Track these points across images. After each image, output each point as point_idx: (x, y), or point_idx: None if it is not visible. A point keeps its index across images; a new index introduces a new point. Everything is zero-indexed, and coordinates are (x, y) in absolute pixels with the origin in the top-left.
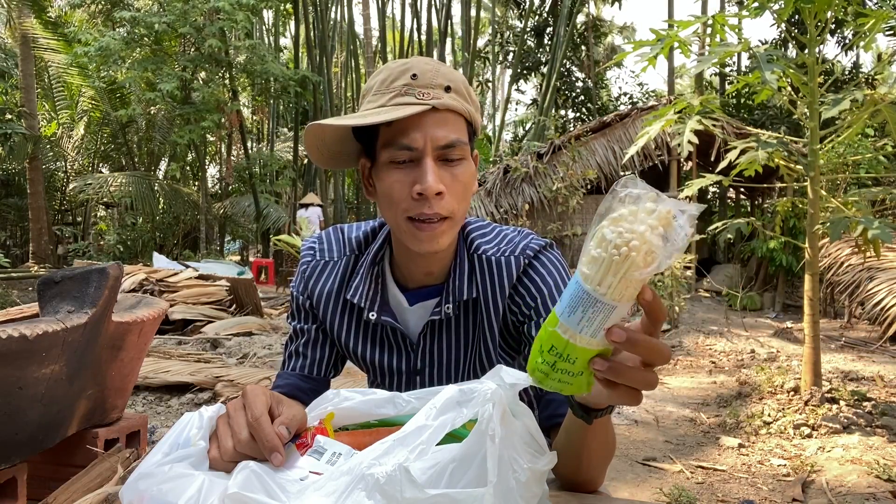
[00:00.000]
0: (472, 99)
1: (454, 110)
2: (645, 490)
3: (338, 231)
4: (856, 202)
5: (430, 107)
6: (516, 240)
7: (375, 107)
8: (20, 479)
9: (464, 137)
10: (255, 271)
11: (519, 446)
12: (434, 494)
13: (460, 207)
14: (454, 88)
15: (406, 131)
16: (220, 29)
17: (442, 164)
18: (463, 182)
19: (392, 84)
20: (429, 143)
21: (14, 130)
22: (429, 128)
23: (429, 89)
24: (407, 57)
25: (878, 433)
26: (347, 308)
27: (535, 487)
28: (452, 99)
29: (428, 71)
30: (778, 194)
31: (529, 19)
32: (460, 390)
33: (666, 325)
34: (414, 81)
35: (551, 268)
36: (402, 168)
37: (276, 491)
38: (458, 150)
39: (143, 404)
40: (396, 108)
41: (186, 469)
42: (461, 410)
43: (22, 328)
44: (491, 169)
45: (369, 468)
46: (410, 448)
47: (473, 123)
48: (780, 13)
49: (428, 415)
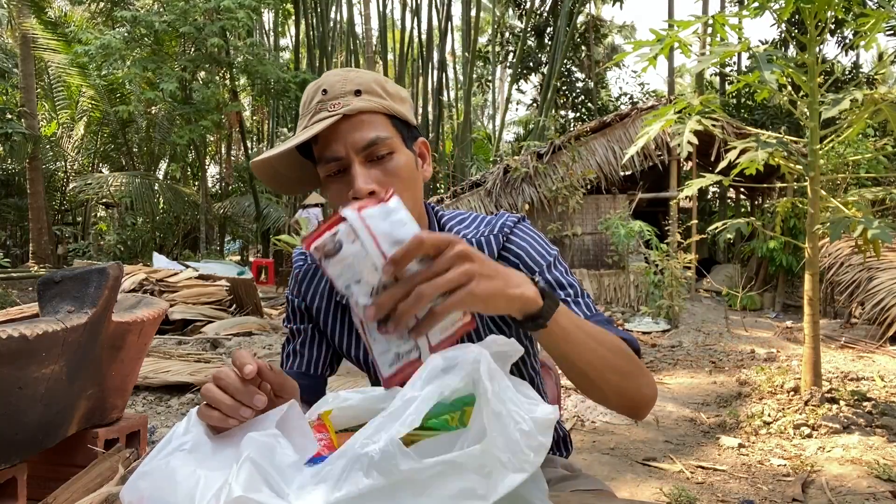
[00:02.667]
0: (389, 93)
1: (367, 111)
2: (645, 490)
3: None
4: (856, 202)
5: (339, 116)
6: (493, 221)
7: (301, 129)
8: (20, 479)
9: (385, 132)
10: (255, 271)
11: (515, 399)
12: (432, 462)
13: (404, 198)
14: (365, 90)
15: (328, 144)
16: (222, 28)
17: (372, 164)
18: (399, 175)
19: (309, 105)
20: (350, 149)
21: (14, 130)
22: (346, 134)
23: (338, 99)
24: (406, 57)
25: (878, 433)
26: (339, 308)
27: (540, 437)
28: (363, 101)
29: (336, 82)
30: (778, 194)
31: (529, 19)
32: (444, 357)
33: (666, 325)
34: (325, 96)
35: (526, 235)
36: (338, 179)
37: (279, 483)
38: (382, 146)
39: (143, 404)
40: (312, 127)
41: (184, 463)
42: (446, 378)
43: (22, 328)
44: (491, 169)
45: (363, 447)
46: (400, 421)
47: (399, 116)
48: (780, 13)
49: (414, 385)
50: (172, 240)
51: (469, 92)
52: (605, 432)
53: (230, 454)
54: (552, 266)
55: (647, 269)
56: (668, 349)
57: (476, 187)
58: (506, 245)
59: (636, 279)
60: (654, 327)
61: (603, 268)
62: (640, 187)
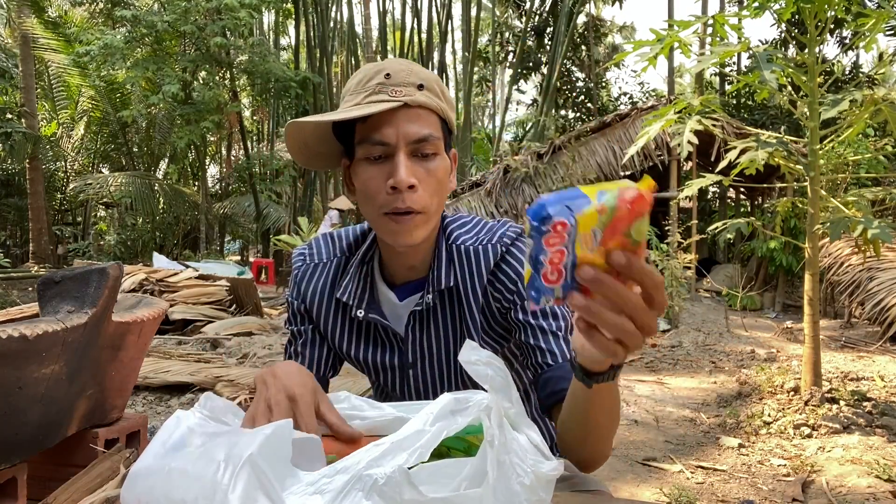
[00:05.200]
0: (445, 97)
1: (426, 107)
2: (645, 490)
3: (327, 237)
4: (856, 202)
5: (401, 103)
6: (495, 228)
7: (351, 105)
8: (20, 479)
9: (436, 133)
10: (255, 271)
11: (521, 452)
12: (433, 498)
13: (433, 202)
14: (427, 86)
15: (379, 127)
16: (223, 27)
17: (415, 160)
18: (437, 177)
19: (367, 84)
20: (401, 139)
21: (14, 130)
22: (401, 123)
23: (401, 87)
24: (407, 57)
25: (878, 433)
26: (339, 308)
27: (541, 492)
28: (425, 96)
29: (401, 70)
30: (778, 194)
31: (529, 19)
32: (455, 399)
33: (666, 326)
34: (387, 80)
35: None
36: (376, 164)
37: (277, 491)
38: (430, 145)
39: (143, 404)
40: (369, 105)
41: (181, 464)
42: (455, 419)
43: (22, 328)
44: (491, 169)
45: (367, 469)
46: (409, 451)
47: (448, 121)
48: (780, 13)
49: (425, 420)
50: (172, 240)
51: (469, 92)
52: None
53: (230, 454)
54: None
55: None
56: (668, 349)
57: (476, 187)
58: (504, 257)
59: None
60: None
61: None
62: None
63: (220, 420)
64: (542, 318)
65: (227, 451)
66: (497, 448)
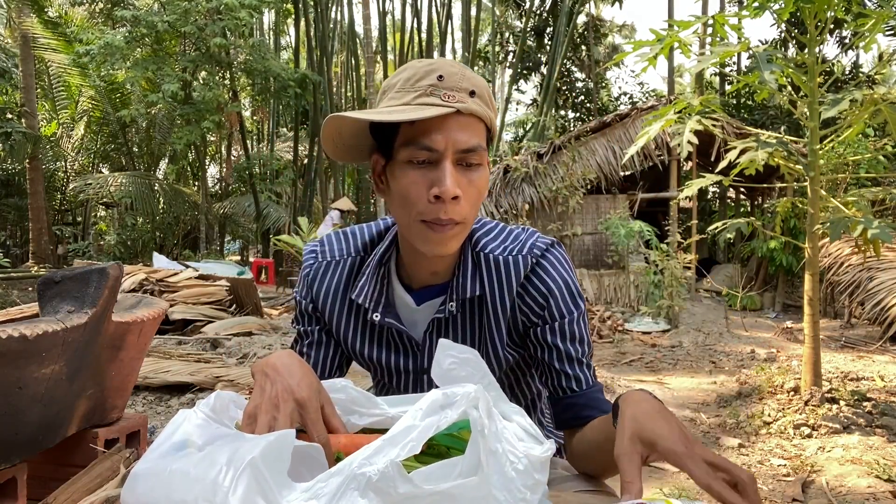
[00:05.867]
0: (492, 105)
1: (477, 115)
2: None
3: (340, 234)
4: (855, 202)
5: (454, 110)
6: (522, 237)
7: (399, 104)
8: (20, 479)
9: (483, 143)
10: (255, 271)
11: (513, 439)
12: (429, 489)
13: (472, 213)
14: (478, 94)
15: (428, 132)
16: (223, 28)
17: (460, 169)
18: (478, 187)
19: (417, 83)
20: (450, 146)
21: (14, 130)
22: (451, 131)
23: (454, 92)
24: (406, 57)
25: (878, 433)
26: (353, 308)
27: (536, 475)
28: (476, 104)
29: (454, 74)
30: (778, 194)
31: (529, 19)
32: (444, 394)
33: (666, 325)
34: (440, 83)
35: (559, 267)
36: (419, 168)
37: (276, 499)
38: (477, 156)
39: (143, 404)
40: (421, 108)
41: (183, 466)
42: (445, 413)
43: (22, 328)
44: (491, 169)
45: (360, 468)
46: (400, 446)
47: (492, 130)
48: (779, 13)
49: (415, 416)
50: (172, 240)
51: None
52: None
53: (232, 457)
54: (580, 318)
55: (647, 269)
56: (668, 349)
57: None
58: (535, 270)
59: (636, 279)
60: (654, 327)
61: (603, 268)
62: (640, 187)
63: (222, 421)
64: (569, 343)
65: (230, 454)
66: (488, 437)
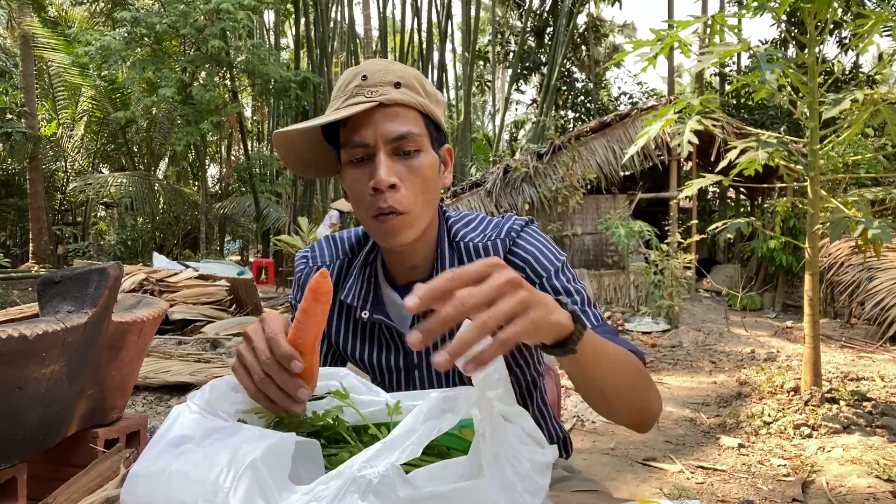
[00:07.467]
0: (427, 92)
1: (404, 104)
2: (645, 490)
3: (329, 239)
4: (856, 202)
5: (376, 103)
6: (500, 224)
7: (331, 111)
8: (20, 479)
9: (416, 129)
10: (255, 271)
11: (515, 443)
12: (429, 492)
13: (419, 200)
14: (405, 84)
15: (358, 129)
16: (222, 29)
17: (397, 158)
18: (421, 174)
19: (346, 87)
20: (380, 138)
21: (14, 130)
22: (378, 124)
23: (377, 87)
24: (407, 57)
25: (878, 433)
26: (344, 309)
27: (538, 479)
28: (401, 93)
29: (378, 70)
30: (778, 194)
31: (529, 19)
32: (444, 397)
33: (666, 325)
34: (364, 82)
35: (533, 239)
36: (359, 166)
37: (276, 501)
38: (411, 142)
39: (143, 404)
40: (347, 108)
41: (183, 466)
42: (446, 416)
43: (22, 328)
44: (491, 169)
45: (361, 470)
46: (400, 450)
47: (432, 116)
48: (777, 10)
49: (416, 419)
50: (172, 240)
51: (469, 92)
52: (604, 433)
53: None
54: (559, 272)
55: (647, 269)
56: (668, 349)
57: (476, 187)
58: (512, 249)
59: (636, 279)
60: (654, 327)
61: (603, 268)
62: (640, 187)
63: (217, 413)
64: (564, 297)
65: (231, 455)
66: (490, 440)
